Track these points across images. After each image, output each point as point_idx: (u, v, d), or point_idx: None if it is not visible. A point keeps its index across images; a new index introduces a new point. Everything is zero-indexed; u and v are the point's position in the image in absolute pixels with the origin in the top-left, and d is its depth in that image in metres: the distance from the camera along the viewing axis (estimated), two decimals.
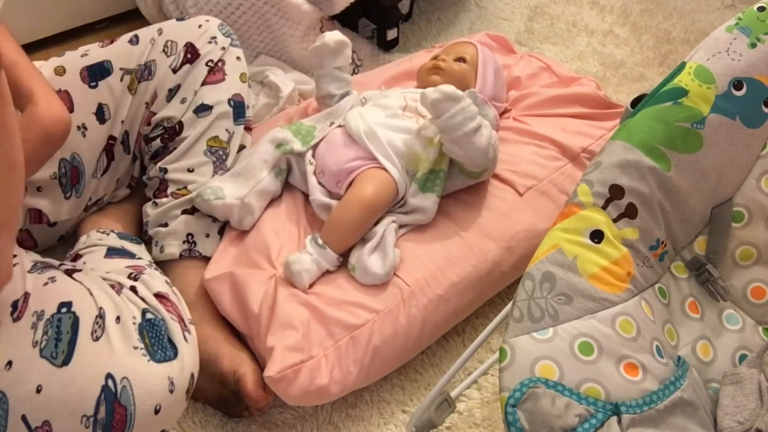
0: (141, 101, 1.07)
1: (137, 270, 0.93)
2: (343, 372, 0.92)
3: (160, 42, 1.07)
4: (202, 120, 1.06)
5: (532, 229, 1.07)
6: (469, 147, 1.00)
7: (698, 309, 0.83)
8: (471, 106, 0.99)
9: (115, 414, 0.74)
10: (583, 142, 1.18)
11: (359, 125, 1.07)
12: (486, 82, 1.19)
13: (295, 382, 0.90)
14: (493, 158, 1.04)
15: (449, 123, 0.98)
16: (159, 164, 1.07)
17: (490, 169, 1.07)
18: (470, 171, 1.05)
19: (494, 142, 1.03)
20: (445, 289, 1.00)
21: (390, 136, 1.06)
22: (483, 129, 1.00)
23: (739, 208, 0.85)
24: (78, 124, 1.03)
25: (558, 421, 0.65)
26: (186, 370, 0.82)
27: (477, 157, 1.01)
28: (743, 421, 0.73)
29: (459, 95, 0.99)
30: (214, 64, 1.08)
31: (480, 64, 1.20)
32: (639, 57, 1.67)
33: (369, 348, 0.94)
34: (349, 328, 0.94)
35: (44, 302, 0.76)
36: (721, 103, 0.82)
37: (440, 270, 1.01)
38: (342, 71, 1.17)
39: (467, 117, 0.98)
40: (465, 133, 0.98)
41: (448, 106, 0.98)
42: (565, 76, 1.34)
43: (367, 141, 1.06)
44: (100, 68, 1.05)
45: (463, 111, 0.98)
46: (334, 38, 1.13)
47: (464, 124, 0.98)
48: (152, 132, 1.08)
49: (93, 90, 1.04)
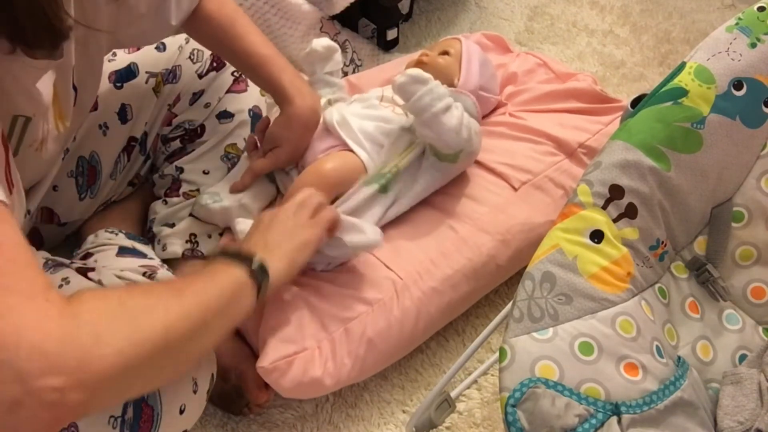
0: (164, 103, 1.08)
1: (151, 269, 0.93)
2: (338, 364, 0.92)
3: (186, 50, 1.09)
4: (224, 126, 1.09)
5: (528, 222, 1.07)
6: (440, 128, 1.00)
7: (698, 309, 0.83)
8: (438, 87, 1.00)
9: (142, 414, 0.74)
10: (580, 137, 1.18)
11: (333, 116, 1.07)
12: (470, 72, 1.19)
13: (288, 374, 0.90)
14: (467, 139, 1.03)
15: (417, 105, 0.99)
16: (175, 163, 1.08)
17: (467, 151, 1.05)
18: (445, 154, 1.04)
19: (467, 123, 1.03)
20: (439, 281, 1.00)
21: (362, 124, 1.06)
22: (453, 110, 1.00)
23: (739, 208, 0.85)
24: (99, 123, 1.04)
25: (558, 421, 0.65)
26: (207, 371, 0.83)
27: (449, 138, 1.01)
28: (743, 421, 0.73)
29: (425, 77, 0.99)
30: (238, 75, 1.10)
31: (464, 56, 1.20)
32: (639, 57, 1.67)
33: (363, 340, 0.94)
34: (343, 320, 0.94)
35: None
36: (721, 103, 0.82)
37: (433, 263, 1.01)
38: (333, 76, 1.17)
39: (435, 97, 0.98)
40: (434, 114, 0.98)
41: (415, 88, 0.98)
42: (561, 72, 1.33)
43: (339, 129, 1.06)
44: (126, 71, 1.06)
45: (431, 92, 0.98)
46: (321, 44, 1.13)
47: (432, 104, 0.98)
48: (171, 133, 1.09)
49: (117, 90, 1.05)
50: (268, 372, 0.90)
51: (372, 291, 0.97)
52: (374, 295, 0.97)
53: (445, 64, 1.18)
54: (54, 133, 0.81)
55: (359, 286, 0.97)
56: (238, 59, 1.01)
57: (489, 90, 1.23)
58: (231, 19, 0.99)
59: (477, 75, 1.19)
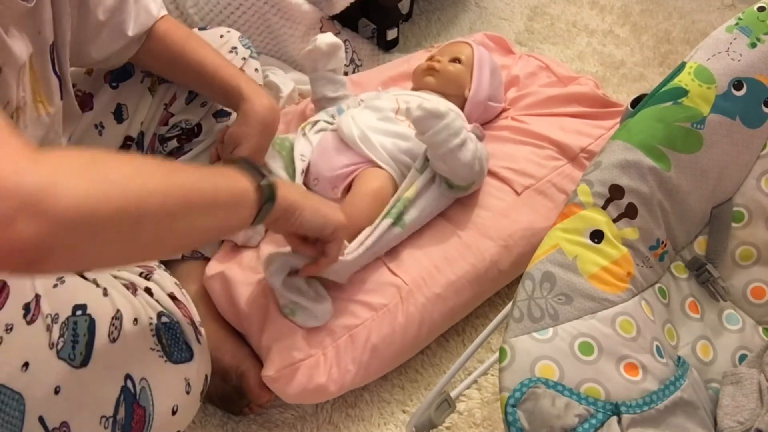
0: (160, 102, 1.08)
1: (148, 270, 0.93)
2: (342, 370, 0.92)
3: None
4: (221, 125, 1.09)
5: (530, 228, 1.07)
6: (455, 163, 0.99)
7: (698, 309, 0.83)
8: (455, 122, 0.98)
9: (134, 414, 0.74)
10: (582, 141, 1.18)
11: (352, 130, 1.07)
12: (482, 82, 1.19)
13: (293, 381, 0.90)
14: (479, 171, 1.03)
15: (433, 140, 0.98)
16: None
17: (478, 182, 1.06)
18: (458, 185, 1.04)
19: (480, 155, 1.03)
20: (443, 287, 1.00)
21: (382, 141, 1.06)
22: (468, 144, 1.00)
23: (739, 208, 0.85)
24: (95, 123, 1.04)
25: (558, 421, 0.65)
26: (201, 372, 0.82)
27: (463, 172, 1.01)
28: (743, 421, 0.73)
29: (442, 112, 0.97)
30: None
31: (476, 64, 1.20)
32: (639, 57, 1.67)
33: (367, 346, 0.94)
34: (348, 326, 0.94)
35: (57, 305, 0.75)
36: (721, 103, 0.82)
37: (437, 269, 1.01)
38: (336, 73, 1.17)
39: (451, 134, 0.97)
40: (450, 150, 0.98)
41: (432, 123, 0.97)
42: (563, 76, 1.34)
43: (362, 145, 1.05)
44: (122, 71, 1.06)
45: (447, 128, 0.97)
46: (326, 41, 1.12)
47: (448, 140, 0.97)
48: (168, 132, 1.09)
49: (113, 90, 1.05)
50: (274, 380, 0.90)
51: (377, 297, 0.97)
52: (379, 301, 0.97)
53: (456, 72, 1.18)
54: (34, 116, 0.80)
55: (364, 292, 0.97)
56: (192, 71, 1.01)
57: (496, 99, 1.23)
58: (186, 35, 1.01)
59: (487, 85, 1.19)
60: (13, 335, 0.72)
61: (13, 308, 0.74)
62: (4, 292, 0.74)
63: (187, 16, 1.36)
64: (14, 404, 0.71)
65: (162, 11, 1.00)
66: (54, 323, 0.74)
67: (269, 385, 0.91)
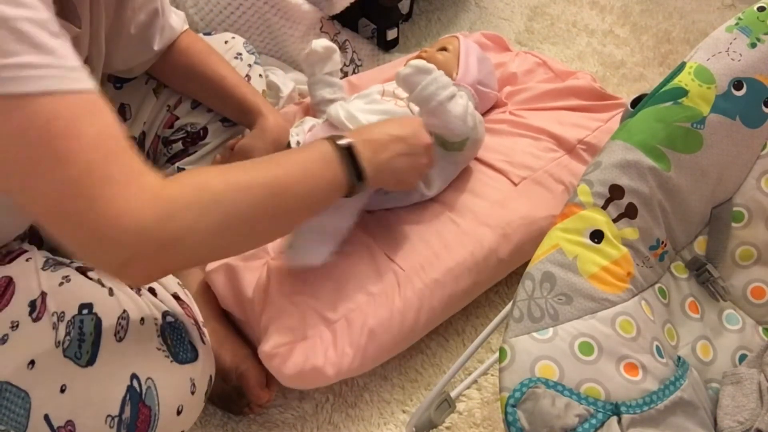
0: (164, 104, 1.09)
1: None
2: (339, 353, 0.92)
3: None
4: (228, 129, 1.11)
5: (528, 216, 1.07)
6: (446, 116, 1.00)
7: (698, 309, 0.83)
8: (442, 77, 1.00)
9: (139, 414, 0.74)
10: (580, 133, 1.18)
11: (339, 112, 1.08)
12: (468, 67, 1.20)
13: (289, 360, 0.90)
14: (473, 126, 1.04)
15: (423, 95, 0.99)
16: (177, 164, 1.09)
17: (473, 138, 1.06)
18: (452, 142, 1.04)
19: (472, 111, 1.04)
20: (442, 273, 1.00)
21: (368, 118, 1.07)
22: (458, 98, 1.01)
23: (739, 208, 0.85)
24: None
25: (558, 421, 0.65)
26: (205, 372, 0.83)
27: (456, 126, 1.02)
28: (743, 421, 0.73)
29: (429, 67, 1.00)
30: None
31: (462, 52, 1.21)
32: (639, 57, 1.67)
33: (364, 330, 0.94)
34: (344, 309, 0.94)
35: (63, 303, 0.76)
36: (721, 103, 0.82)
37: (436, 255, 1.01)
38: (333, 76, 1.18)
39: (440, 86, 0.99)
40: (439, 102, 0.99)
41: (420, 78, 0.99)
42: (560, 71, 1.34)
43: (348, 125, 1.06)
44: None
45: (435, 81, 0.99)
46: (321, 44, 1.14)
47: (437, 93, 0.99)
48: (173, 135, 1.10)
49: (117, 90, 1.06)
50: (270, 357, 0.90)
51: (373, 281, 0.97)
52: (376, 285, 0.97)
53: (443, 59, 1.19)
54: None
55: (360, 277, 0.98)
56: (210, 83, 1.05)
57: (487, 85, 1.24)
58: (207, 50, 1.06)
59: (475, 70, 1.20)
60: (19, 332, 0.72)
61: (20, 305, 0.74)
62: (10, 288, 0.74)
63: (187, 16, 1.35)
64: (20, 402, 0.71)
65: (185, 25, 1.04)
66: (60, 321, 0.74)
67: (265, 362, 0.91)
